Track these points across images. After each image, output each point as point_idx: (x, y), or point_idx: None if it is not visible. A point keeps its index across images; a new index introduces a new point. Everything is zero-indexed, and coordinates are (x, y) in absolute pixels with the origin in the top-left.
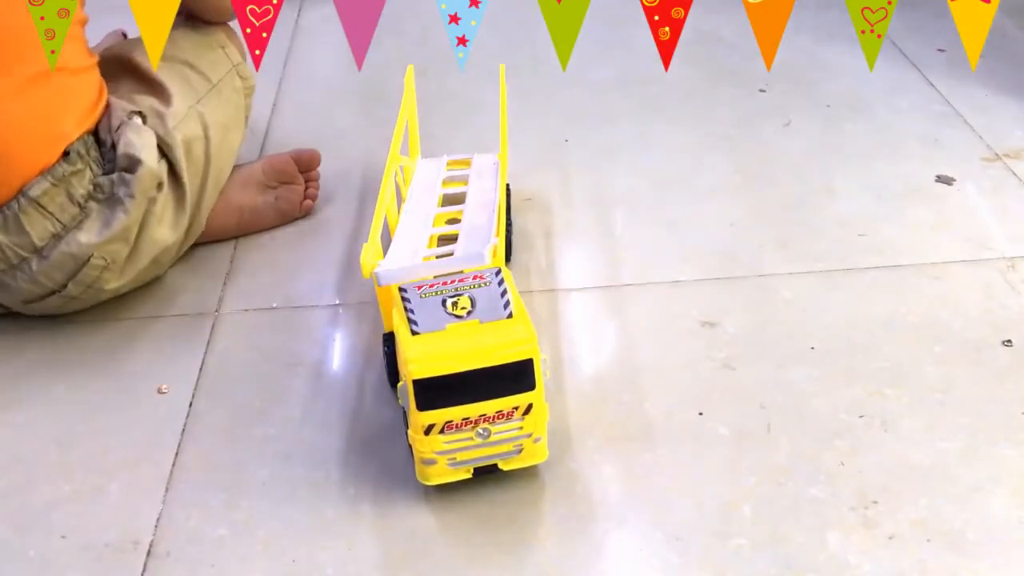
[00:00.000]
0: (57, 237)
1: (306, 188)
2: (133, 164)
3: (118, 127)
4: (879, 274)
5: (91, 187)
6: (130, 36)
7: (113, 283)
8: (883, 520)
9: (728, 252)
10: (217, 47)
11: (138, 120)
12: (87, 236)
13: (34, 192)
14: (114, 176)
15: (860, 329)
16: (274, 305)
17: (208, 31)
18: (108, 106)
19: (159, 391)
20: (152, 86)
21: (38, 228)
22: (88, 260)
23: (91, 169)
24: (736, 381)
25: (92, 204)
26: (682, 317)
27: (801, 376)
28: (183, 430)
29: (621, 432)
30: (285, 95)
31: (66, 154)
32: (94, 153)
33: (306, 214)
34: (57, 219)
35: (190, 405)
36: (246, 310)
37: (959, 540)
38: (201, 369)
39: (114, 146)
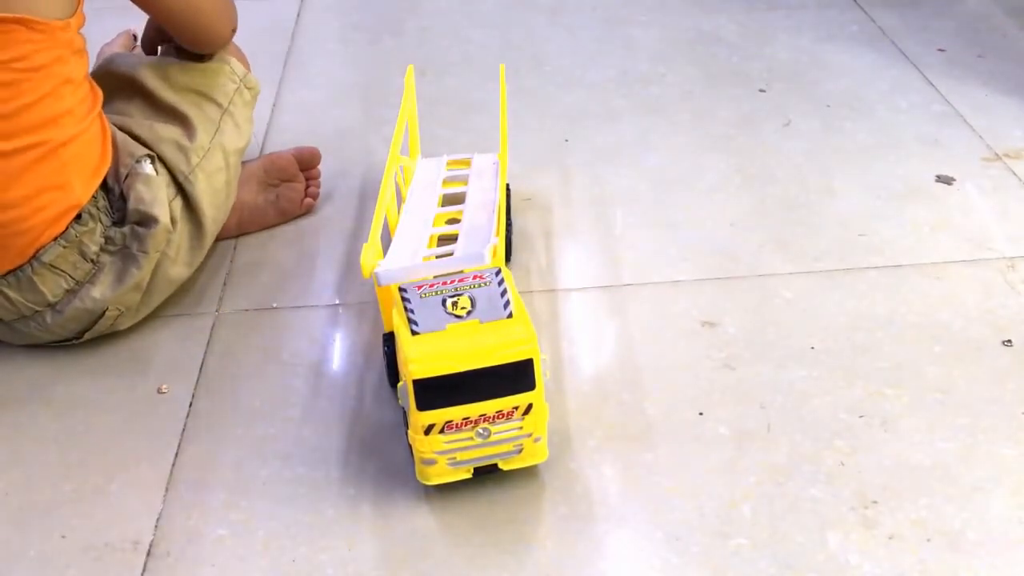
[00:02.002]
0: (71, 292)
1: (307, 187)
2: (146, 220)
3: (126, 176)
4: (879, 274)
5: (103, 240)
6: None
7: (128, 323)
8: (883, 520)
9: (728, 252)
10: (224, 66)
11: (148, 167)
12: (101, 291)
13: (47, 257)
14: (126, 230)
15: (860, 329)
16: (274, 305)
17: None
18: (115, 148)
19: (159, 391)
20: (173, 115)
21: (51, 286)
22: (104, 313)
23: (101, 223)
24: (736, 381)
25: (104, 257)
26: (682, 317)
27: (801, 376)
28: (183, 430)
29: (621, 432)
30: (285, 95)
31: (78, 217)
32: (103, 203)
33: (307, 212)
34: (70, 276)
35: (190, 405)
36: (246, 310)
37: (959, 540)
38: (201, 369)
39: (123, 195)
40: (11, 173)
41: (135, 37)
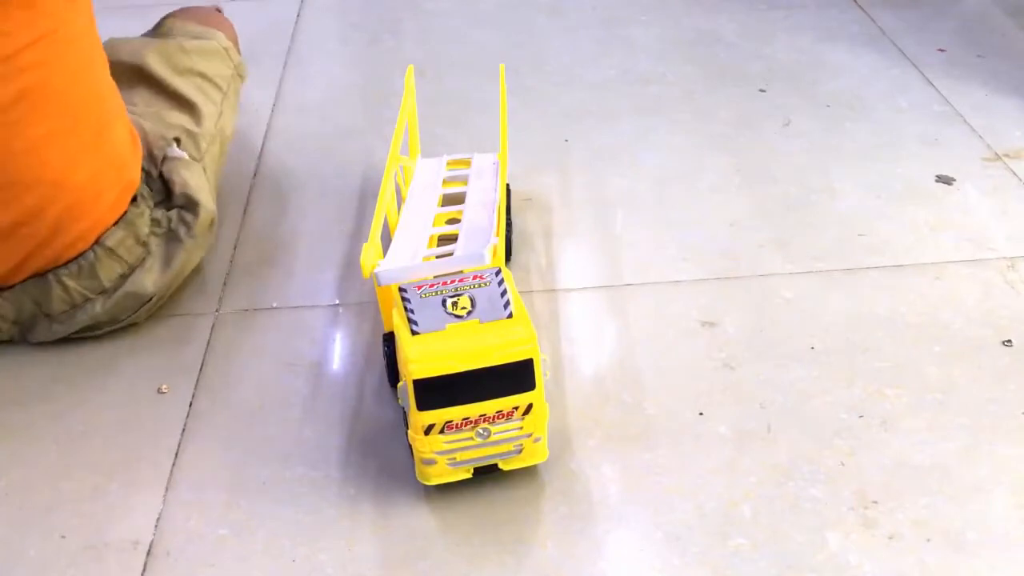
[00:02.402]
0: (123, 278)
1: None
2: (191, 205)
3: (163, 159)
4: (879, 274)
5: (150, 222)
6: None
7: (155, 309)
8: (883, 520)
9: (728, 252)
10: (220, 49)
11: (179, 150)
12: (150, 276)
13: (111, 242)
14: (172, 214)
15: (860, 329)
16: (274, 305)
17: (206, 31)
18: (142, 130)
19: (159, 391)
20: (180, 101)
21: (107, 272)
22: (150, 298)
23: (148, 205)
24: (736, 381)
25: (153, 240)
26: (682, 317)
27: (801, 376)
28: (183, 430)
29: (621, 432)
30: (285, 95)
31: (133, 199)
32: (145, 188)
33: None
34: (125, 260)
35: (190, 405)
36: (246, 310)
37: (959, 540)
38: (201, 369)
39: (161, 177)
40: (74, 153)
41: (219, 10)
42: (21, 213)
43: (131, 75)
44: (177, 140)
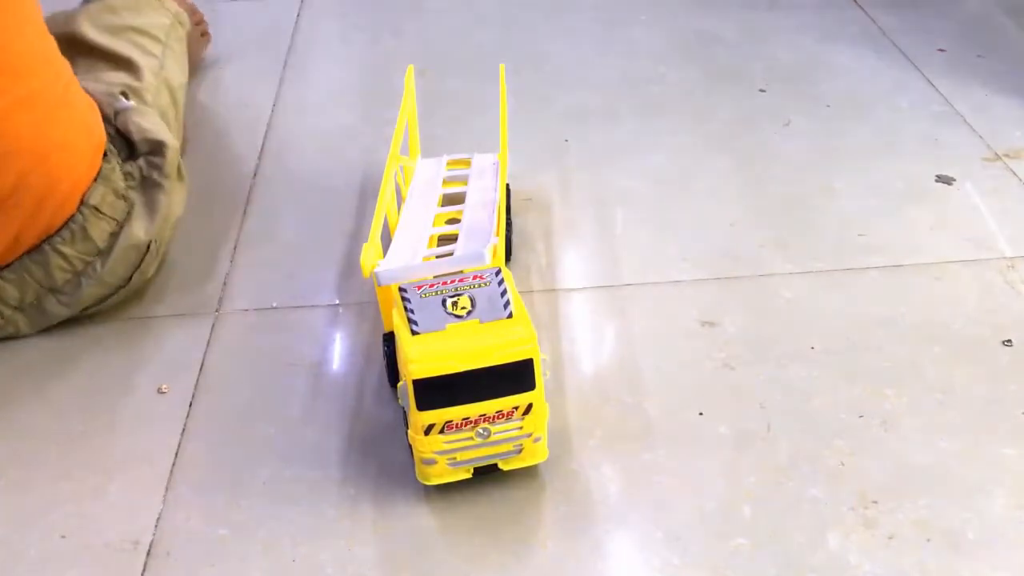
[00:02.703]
0: (115, 235)
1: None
2: (157, 147)
3: (115, 115)
4: (879, 274)
5: (124, 176)
6: None
7: (153, 268)
8: (883, 520)
9: (728, 252)
10: (152, 0)
11: (128, 100)
12: (141, 226)
13: (94, 199)
14: (140, 162)
15: (860, 329)
16: (274, 305)
17: None
18: (89, 92)
19: (159, 391)
20: (115, 61)
21: (98, 231)
22: (148, 248)
23: (118, 160)
24: (736, 381)
25: (132, 193)
26: (682, 317)
27: (801, 376)
28: (183, 430)
29: (621, 432)
30: (285, 95)
31: (104, 156)
32: (110, 146)
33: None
34: (111, 218)
35: (190, 405)
36: (246, 310)
37: (959, 540)
38: (201, 369)
39: (119, 133)
40: (44, 116)
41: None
42: (4, 186)
43: (66, 46)
44: (124, 94)
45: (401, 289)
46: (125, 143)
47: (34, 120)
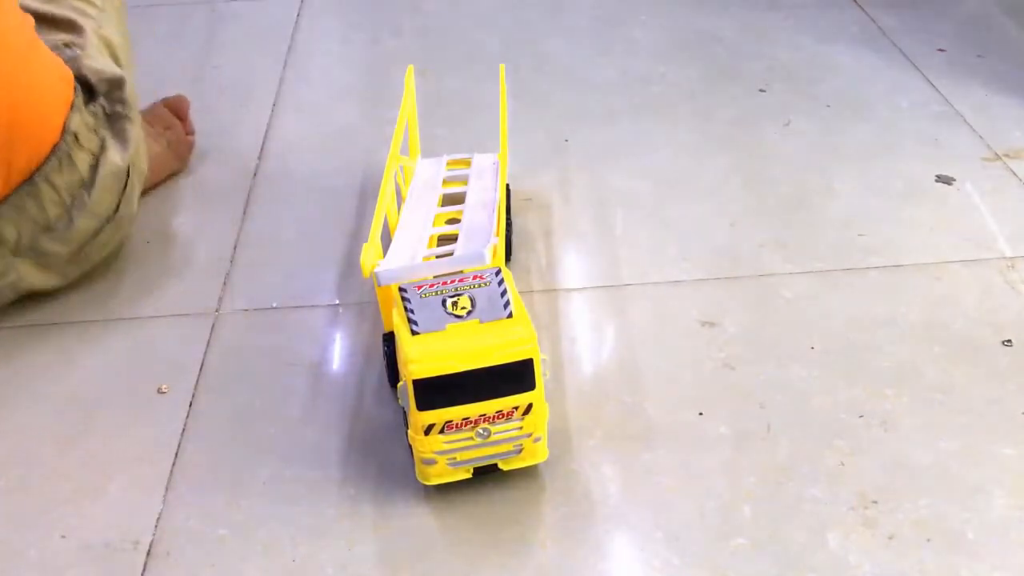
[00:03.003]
0: (94, 167)
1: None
2: (115, 83)
3: (67, 62)
4: (879, 274)
5: (91, 115)
6: None
7: (137, 196)
8: (883, 520)
9: (728, 252)
10: None
11: (74, 50)
12: (116, 152)
13: (73, 125)
14: (102, 101)
15: (860, 329)
16: (274, 305)
17: None
18: None
19: (159, 391)
20: (55, 23)
21: (81, 160)
22: (128, 174)
23: (82, 99)
24: (736, 381)
25: (102, 130)
26: (682, 317)
27: (801, 376)
28: (183, 430)
29: (621, 432)
30: (285, 95)
31: (75, 89)
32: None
33: (191, 149)
34: (89, 150)
35: (190, 405)
36: (246, 310)
37: (959, 540)
38: (201, 369)
39: (76, 79)
40: (22, 53)
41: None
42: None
43: None
44: (67, 45)
45: (401, 289)
46: (83, 87)
47: (14, 56)
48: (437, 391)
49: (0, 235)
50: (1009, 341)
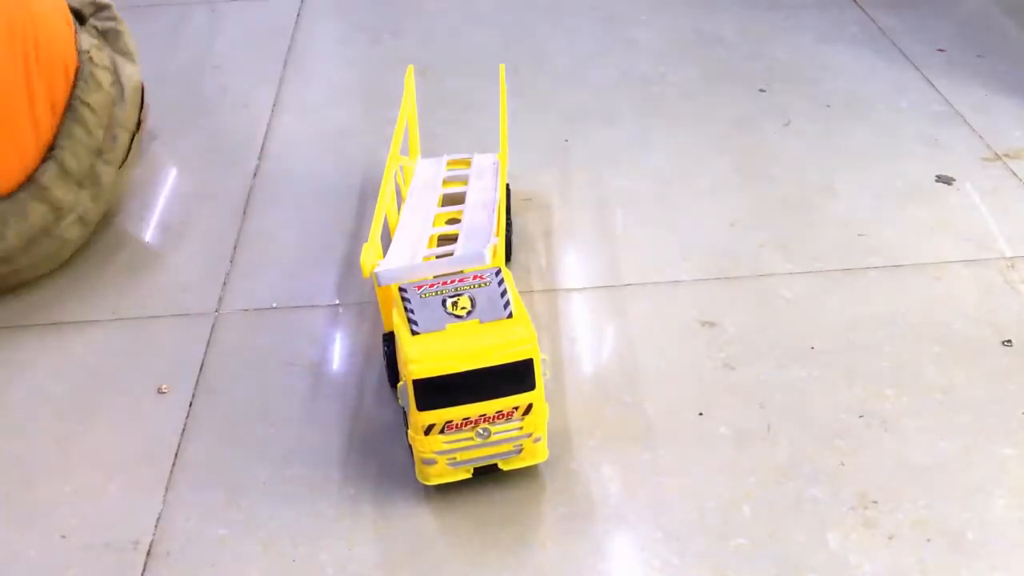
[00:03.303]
0: (115, 83)
1: None
2: (100, 5)
3: None
4: (879, 274)
5: (90, 35)
6: None
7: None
8: (883, 520)
9: (728, 252)
10: None
11: None
12: (129, 68)
13: (86, 44)
14: (93, 21)
15: (860, 329)
16: (274, 305)
17: None
18: None
19: (159, 391)
20: None
21: (103, 79)
22: (141, 86)
23: (76, 24)
24: (736, 381)
25: (105, 47)
26: (682, 317)
27: (801, 376)
28: (183, 430)
29: (621, 432)
30: (285, 95)
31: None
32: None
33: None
34: (104, 67)
35: (190, 405)
36: (246, 310)
37: (959, 540)
38: (201, 369)
39: None
40: None
41: None
42: (40, 57)
43: None
44: None
45: (401, 289)
46: (73, 15)
47: None
48: (437, 391)
49: (65, 166)
50: (1009, 341)
